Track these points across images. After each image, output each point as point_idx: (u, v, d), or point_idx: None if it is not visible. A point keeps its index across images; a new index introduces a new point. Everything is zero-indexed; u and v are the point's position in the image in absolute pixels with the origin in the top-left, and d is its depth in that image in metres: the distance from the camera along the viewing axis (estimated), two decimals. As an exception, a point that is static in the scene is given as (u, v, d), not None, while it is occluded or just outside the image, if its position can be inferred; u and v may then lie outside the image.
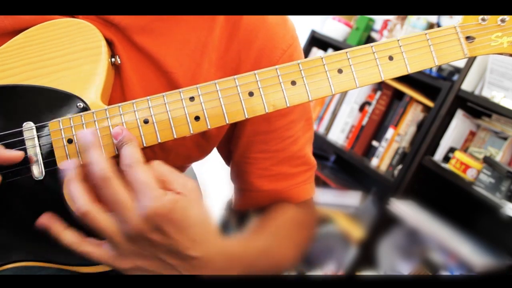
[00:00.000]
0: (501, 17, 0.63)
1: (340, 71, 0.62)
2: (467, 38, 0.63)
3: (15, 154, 0.59)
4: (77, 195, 0.50)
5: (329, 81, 0.61)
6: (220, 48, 0.68)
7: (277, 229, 0.69)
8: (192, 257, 0.51)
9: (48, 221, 0.54)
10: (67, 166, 0.53)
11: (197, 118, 0.61)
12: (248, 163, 0.74)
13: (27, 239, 0.61)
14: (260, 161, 0.73)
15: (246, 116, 0.61)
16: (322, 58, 0.62)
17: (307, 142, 0.76)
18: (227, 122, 0.61)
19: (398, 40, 0.62)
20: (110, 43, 0.65)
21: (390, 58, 0.62)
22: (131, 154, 0.51)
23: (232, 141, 0.75)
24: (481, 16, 0.63)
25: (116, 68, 0.66)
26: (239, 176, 0.76)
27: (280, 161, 0.73)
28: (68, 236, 0.52)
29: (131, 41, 0.66)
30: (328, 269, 1.82)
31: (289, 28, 0.71)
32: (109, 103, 0.62)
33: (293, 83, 0.61)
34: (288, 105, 0.61)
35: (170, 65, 0.66)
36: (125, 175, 0.50)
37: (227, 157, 0.79)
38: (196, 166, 1.07)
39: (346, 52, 0.62)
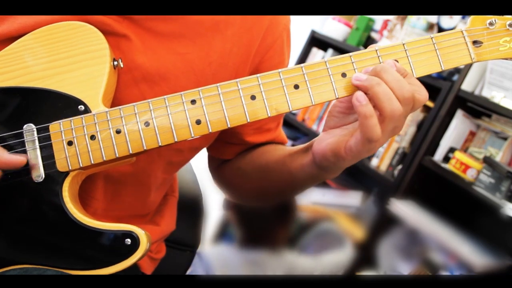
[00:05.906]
0: (509, 21, 0.62)
1: (344, 75, 0.61)
2: (474, 42, 0.63)
3: (17, 159, 0.59)
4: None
5: (333, 85, 0.61)
6: (235, 24, 0.72)
7: None
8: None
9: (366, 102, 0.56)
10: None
11: (198, 122, 0.60)
12: (241, 126, 0.77)
13: (25, 242, 0.61)
14: (255, 122, 0.77)
15: (248, 120, 0.60)
16: (325, 62, 0.61)
17: None
18: (229, 126, 0.60)
19: (403, 44, 0.62)
20: (124, 37, 0.66)
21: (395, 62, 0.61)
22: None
23: None
24: (489, 20, 0.62)
25: (127, 69, 0.66)
26: (230, 135, 0.81)
27: (270, 119, 0.81)
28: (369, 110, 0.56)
29: (147, 29, 0.67)
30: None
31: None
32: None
33: (296, 87, 0.61)
34: (290, 109, 0.61)
35: (185, 45, 0.69)
36: None
37: None
38: (195, 165, 1.07)
39: (350, 56, 0.61)
